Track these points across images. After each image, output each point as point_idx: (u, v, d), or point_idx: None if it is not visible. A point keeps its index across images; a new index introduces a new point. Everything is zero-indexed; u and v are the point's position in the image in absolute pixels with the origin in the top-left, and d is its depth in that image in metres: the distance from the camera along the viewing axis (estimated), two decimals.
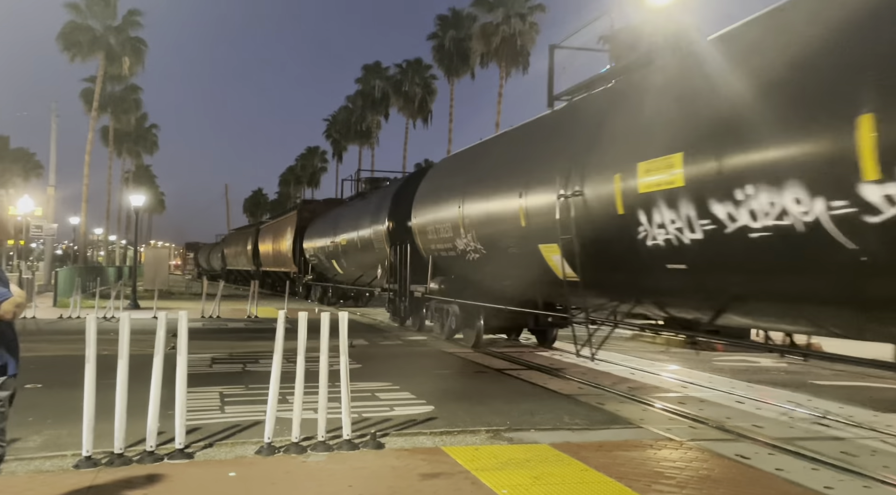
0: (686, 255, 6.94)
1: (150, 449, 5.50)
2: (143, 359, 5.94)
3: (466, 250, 12.82)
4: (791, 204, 5.48)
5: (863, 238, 5.02)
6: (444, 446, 6.10)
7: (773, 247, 5.78)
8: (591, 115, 9.26)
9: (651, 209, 7.24)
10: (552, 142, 10.00)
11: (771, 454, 6.07)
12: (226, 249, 52.88)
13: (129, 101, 56.19)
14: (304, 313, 6.00)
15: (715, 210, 6.33)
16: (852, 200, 4.97)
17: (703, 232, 6.56)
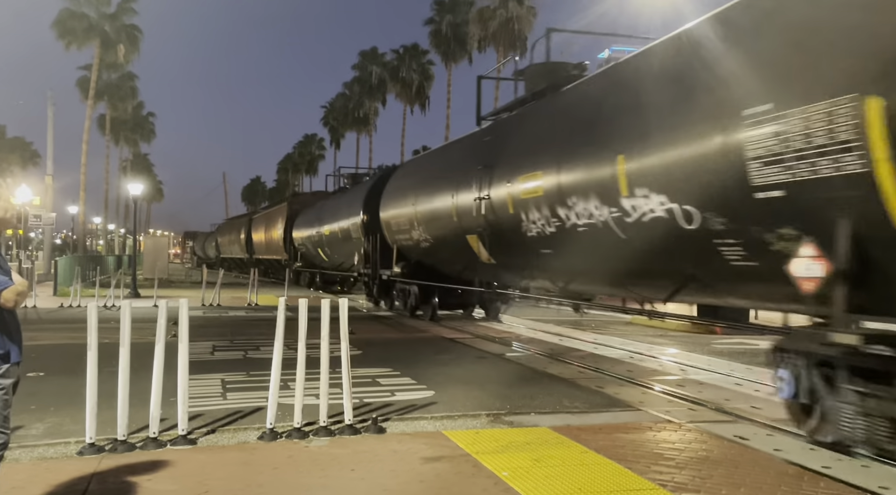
0: (550, 243, 9.85)
1: (153, 436, 5.54)
2: (144, 347, 5.97)
3: (420, 240, 15.49)
4: (593, 209, 8.40)
5: (626, 231, 7.90)
6: (444, 430, 6.15)
7: (590, 237, 8.66)
8: (498, 135, 12.17)
9: (528, 210, 10.08)
10: (474, 155, 12.61)
11: (769, 435, 6.12)
12: (220, 238, 54.57)
13: (125, 88, 55.97)
14: (305, 300, 6.02)
15: (559, 212, 9.24)
16: (618, 208, 7.89)
17: (555, 227, 9.50)
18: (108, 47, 44.48)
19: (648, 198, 7.39)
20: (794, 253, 5.68)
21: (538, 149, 10.14)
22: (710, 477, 4.91)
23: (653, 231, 7.43)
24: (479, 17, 39.73)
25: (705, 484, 4.76)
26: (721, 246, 6.55)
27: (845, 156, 5.03)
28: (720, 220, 6.46)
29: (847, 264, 5.22)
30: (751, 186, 5.92)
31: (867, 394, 5.22)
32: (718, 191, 6.36)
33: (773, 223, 5.88)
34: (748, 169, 5.91)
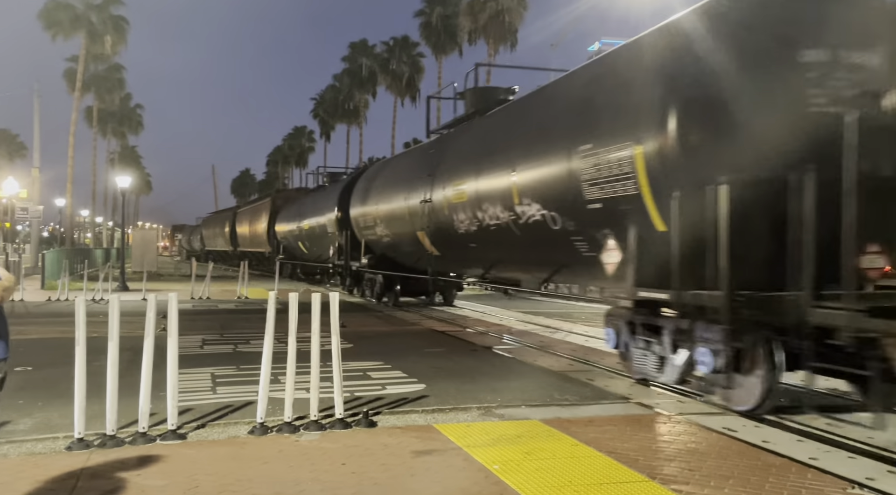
0: (474, 238, 12.17)
1: (142, 431, 5.51)
2: (133, 341, 5.94)
3: (382, 235, 17.67)
4: (499, 213, 10.68)
5: (519, 230, 10.19)
6: (436, 423, 6.15)
7: (499, 234, 10.98)
8: (440, 148, 14.53)
9: (458, 212, 12.40)
10: (421, 165, 14.92)
11: (757, 427, 6.16)
12: (204, 231, 56.29)
13: (112, 80, 55.49)
14: (295, 294, 6.00)
15: (478, 214, 11.52)
16: (513, 212, 10.21)
17: (476, 226, 11.78)
18: (95, 38, 44.06)
19: (531, 205, 9.74)
20: (606, 247, 8.10)
21: (465, 162, 12.48)
22: (698, 468, 4.94)
23: (535, 231, 9.76)
24: (470, 9, 39.60)
25: (694, 475, 4.79)
26: (575, 241, 8.88)
27: (628, 182, 7.38)
28: (572, 223, 8.82)
29: (632, 254, 7.52)
30: (584, 200, 8.29)
31: (647, 340, 7.70)
32: (569, 202, 8.64)
33: (598, 226, 8.25)
34: (582, 188, 8.28)
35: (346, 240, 20.65)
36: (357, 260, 19.95)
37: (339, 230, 21.22)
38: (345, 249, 20.92)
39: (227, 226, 44.74)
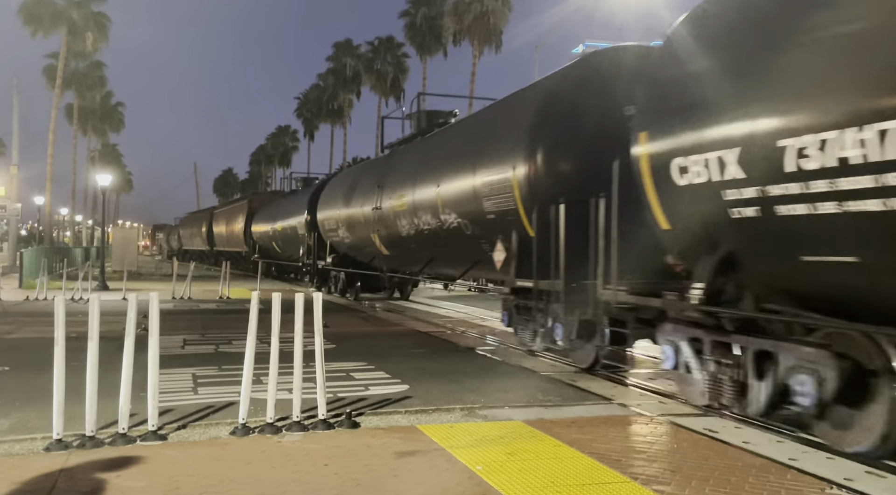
0: (414, 240, 14.34)
1: (122, 431, 5.45)
2: (113, 342, 5.88)
3: (344, 237, 19.67)
4: (430, 219, 12.90)
5: (444, 234, 12.43)
6: (419, 424, 6.15)
7: (431, 237, 13.22)
8: (389, 163, 16.81)
9: (400, 218, 14.56)
10: (375, 176, 17.01)
11: (738, 428, 6.22)
12: (182, 230, 58.29)
13: (93, 77, 54.89)
14: (278, 294, 5.97)
15: (415, 220, 13.71)
16: (439, 220, 12.43)
17: (414, 230, 13.95)
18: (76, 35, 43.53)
19: (450, 214, 12.01)
20: (496, 248, 10.38)
21: (406, 176, 14.57)
22: (679, 469, 4.98)
23: (455, 234, 12.13)
24: (455, 10, 39.65)
25: (675, 476, 4.83)
26: (481, 243, 11.09)
27: (509, 198, 9.84)
28: (478, 229, 11.20)
29: (514, 253, 9.95)
30: (484, 211, 10.74)
31: (526, 316, 10.20)
32: (474, 212, 11.10)
33: (494, 231, 10.52)
34: (482, 202, 10.73)
35: (314, 241, 22.85)
36: (323, 259, 22.11)
37: (308, 232, 23.22)
38: (313, 249, 23.10)
39: (203, 226, 46.30)
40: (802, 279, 5.68)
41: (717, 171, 5.94)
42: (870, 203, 4.68)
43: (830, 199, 4.97)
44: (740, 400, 6.37)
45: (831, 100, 4.93)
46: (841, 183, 4.83)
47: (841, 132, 4.76)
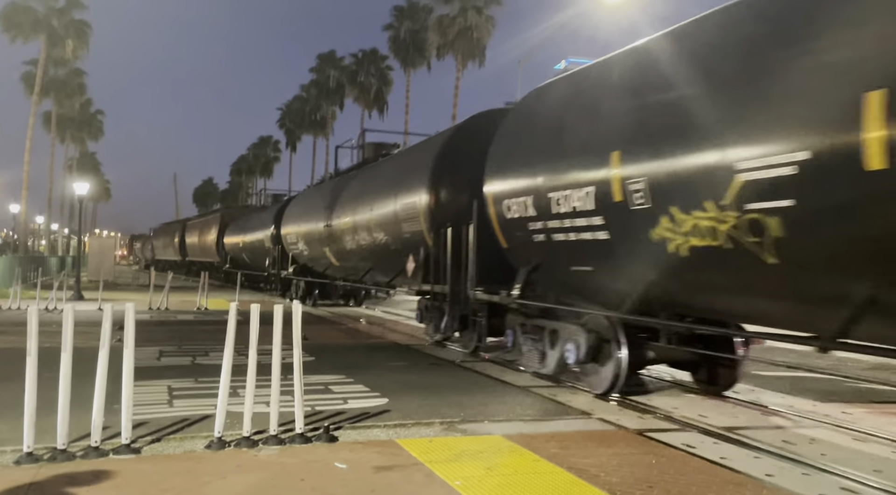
0: (357, 254, 16.71)
1: (94, 445, 5.35)
2: (87, 352, 5.78)
3: (303, 250, 22.03)
4: (366, 236, 15.34)
5: (378, 248, 14.98)
6: (398, 439, 6.10)
7: (369, 251, 15.54)
8: (339, 186, 19.07)
9: (346, 234, 17.00)
10: (326, 198, 19.46)
11: (716, 443, 6.25)
12: (155, 241, 60.26)
13: (72, 85, 54.39)
14: (257, 305, 5.92)
15: (356, 237, 16.13)
16: (372, 237, 15.10)
17: (356, 244, 16.40)
18: (56, 42, 43.21)
19: (380, 233, 14.57)
20: (409, 260, 13.08)
21: (351, 199, 17.03)
22: (657, 484, 4.98)
23: (384, 249, 14.66)
24: (438, 24, 39.88)
25: (653, 491, 4.83)
26: (402, 257, 13.49)
27: (417, 221, 12.33)
28: (399, 245, 13.63)
29: (423, 264, 12.49)
30: (402, 231, 13.28)
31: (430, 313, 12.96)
32: (396, 232, 13.61)
33: (409, 248, 13.12)
34: (401, 223, 13.28)
35: (279, 253, 25.25)
36: (286, 269, 24.72)
37: (273, 244, 25.61)
38: (277, 260, 25.57)
39: (176, 236, 48.29)
40: (574, 281, 8.72)
41: (524, 210, 9.01)
42: (585, 234, 7.86)
43: (573, 231, 8.07)
44: (543, 363, 9.52)
45: (563, 171, 8.16)
46: (576, 221, 7.96)
47: (572, 191, 7.92)
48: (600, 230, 7.59)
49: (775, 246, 5.48)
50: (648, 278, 7.13)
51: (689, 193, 6.20)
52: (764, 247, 5.57)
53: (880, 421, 7.35)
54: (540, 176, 8.59)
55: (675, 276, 6.81)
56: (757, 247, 5.62)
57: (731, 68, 6.03)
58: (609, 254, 7.63)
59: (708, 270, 6.44)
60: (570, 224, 8.01)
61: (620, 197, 7.08)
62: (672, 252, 6.53)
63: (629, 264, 7.34)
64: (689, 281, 6.85)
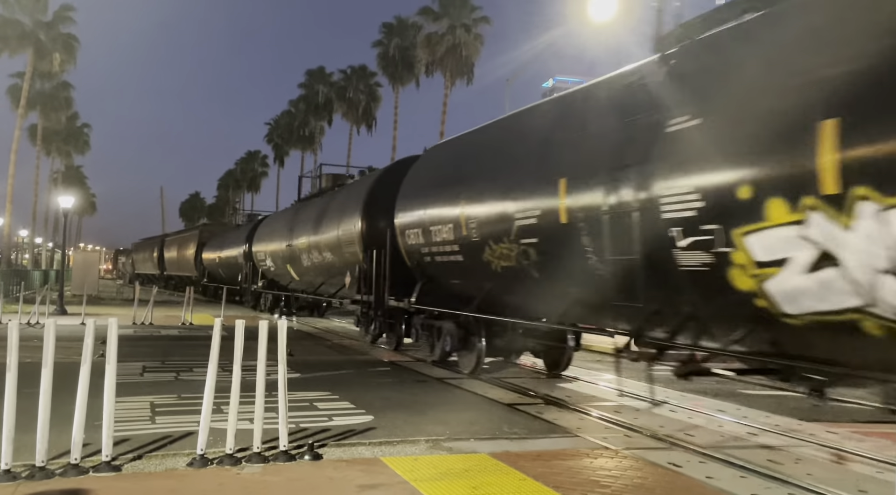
0: (311, 270, 19.77)
1: (74, 462, 5.26)
2: (69, 368, 5.69)
3: (270, 266, 24.79)
4: (318, 255, 18.43)
5: (325, 266, 18.43)
6: (382, 457, 6.05)
7: (318, 268, 18.96)
8: (299, 212, 22.18)
9: (302, 254, 19.89)
10: (289, 222, 22.40)
11: (702, 462, 6.24)
12: (135, 255, 63.06)
13: (59, 98, 54.08)
14: (241, 321, 5.87)
15: (310, 256, 19.24)
16: (322, 257, 18.24)
17: (310, 262, 19.42)
18: (43, 56, 43.01)
19: (329, 253, 17.39)
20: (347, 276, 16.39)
21: (307, 223, 19.82)
22: None
23: (332, 266, 17.61)
24: (427, 42, 40.08)
25: None
26: (344, 273, 16.59)
27: (354, 244, 15.39)
28: (341, 264, 16.52)
29: (357, 279, 15.38)
30: (344, 251, 16.22)
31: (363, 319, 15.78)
32: (339, 252, 16.48)
33: (350, 265, 16.03)
34: (342, 245, 16.22)
35: (250, 268, 27.73)
36: (256, 283, 27.08)
37: (246, 261, 28.06)
38: (248, 275, 28.02)
39: (155, 251, 50.66)
40: (450, 291, 11.81)
41: (418, 238, 12.14)
42: (451, 257, 11.02)
43: (445, 255, 11.21)
44: (433, 353, 12.48)
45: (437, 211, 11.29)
46: (444, 247, 11.11)
47: (442, 226, 11.07)
48: (458, 254, 10.87)
49: (536, 266, 8.81)
50: (485, 287, 10.49)
51: (498, 231, 9.42)
52: (531, 266, 8.89)
53: (865, 441, 7.37)
54: (426, 213, 11.82)
55: (497, 285, 10.17)
56: (529, 266, 8.95)
57: (518, 151, 9.58)
58: (464, 271, 11.02)
59: (512, 281, 9.67)
60: (443, 250, 11.31)
61: (466, 231, 10.37)
62: (494, 269, 9.85)
63: (475, 278, 10.73)
64: (504, 288, 10.06)
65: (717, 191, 5.78)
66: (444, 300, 11.85)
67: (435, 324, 12.37)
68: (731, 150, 5.69)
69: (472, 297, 10.85)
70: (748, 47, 6.07)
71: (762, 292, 5.52)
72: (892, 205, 4.45)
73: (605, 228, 7.20)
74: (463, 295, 11.22)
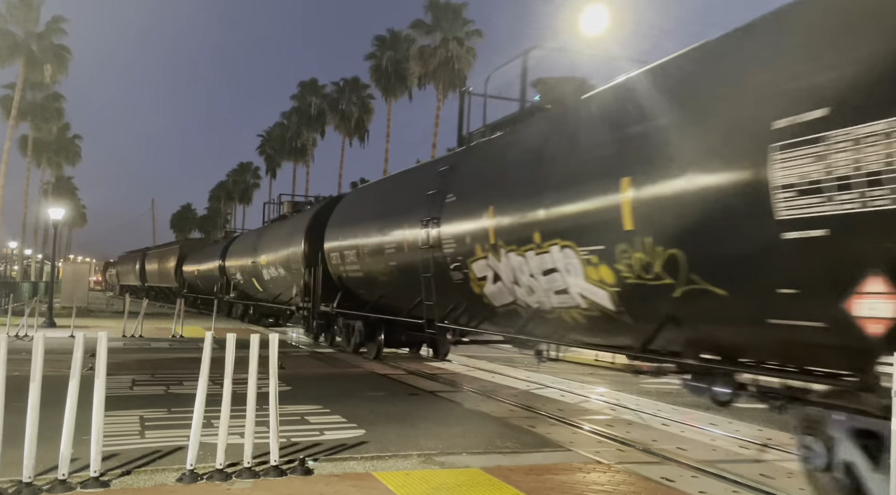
0: (272, 282, 22.89)
1: (62, 478, 5.19)
2: (58, 381, 5.64)
3: (239, 279, 28.07)
4: (274, 271, 22.12)
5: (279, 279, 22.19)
6: (374, 471, 6.01)
7: (275, 282, 22.44)
8: (262, 234, 25.48)
9: (263, 269, 23.41)
10: (254, 242, 25.65)
11: (694, 477, 6.22)
12: (119, 267, 67.83)
13: (50, 109, 53.94)
14: (233, 335, 5.83)
15: (270, 270, 22.62)
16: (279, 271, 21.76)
17: (270, 276, 22.85)
18: (35, 66, 42.95)
19: (280, 268, 21.12)
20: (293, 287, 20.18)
21: (268, 242, 23.20)
22: None
23: (285, 279, 20.76)
24: (420, 54, 40.24)
25: None
26: (293, 285, 19.59)
27: (298, 261, 19.00)
28: (292, 277, 19.93)
29: (301, 289, 19.09)
30: (291, 268, 19.89)
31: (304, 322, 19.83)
32: (289, 268, 20.12)
33: (296, 279, 19.48)
34: (291, 263, 19.88)
35: (224, 281, 30.68)
36: (228, 293, 30.21)
37: (221, 274, 30.99)
38: (223, 286, 30.91)
39: (137, 264, 54.40)
40: (361, 298, 15.59)
41: (339, 259, 15.94)
42: (355, 273, 15.36)
43: (353, 271, 15.40)
44: (349, 345, 16.43)
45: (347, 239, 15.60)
46: (350, 265, 15.38)
47: (349, 251, 15.32)
48: (360, 272, 15.07)
49: (396, 279, 13.12)
50: (377, 295, 14.64)
51: (378, 256, 13.73)
52: (397, 277, 13.05)
53: None
54: (342, 243, 15.90)
55: (385, 294, 14.31)
56: (394, 278, 13.17)
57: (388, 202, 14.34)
58: (364, 284, 15.22)
59: (391, 291, 13.89)
60: (351, 268, 15.44)
61: (362, 255, 14.61)
62: (380, 282, 14.09)
63: (371, 289, 14.90)
64: (388, 296, 14.16)
65: (461, 239, 10.14)
66: (355, 305, 15.98)
67: (350, 323, 16.57)
68: (464, 218, 10.10)
69: (369, 303, 15.13)
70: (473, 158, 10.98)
71: (483, 294, 9.84)
72: (510, 250, 8.72)
73: (420, 257, 11.61)
74: (366, 301, 15.44)
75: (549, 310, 8.34)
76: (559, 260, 7.75)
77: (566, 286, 7.74)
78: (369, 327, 15.46)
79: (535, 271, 8.31)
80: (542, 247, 8.04)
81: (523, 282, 8.65)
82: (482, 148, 10.84)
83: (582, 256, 7.32)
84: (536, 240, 8.13)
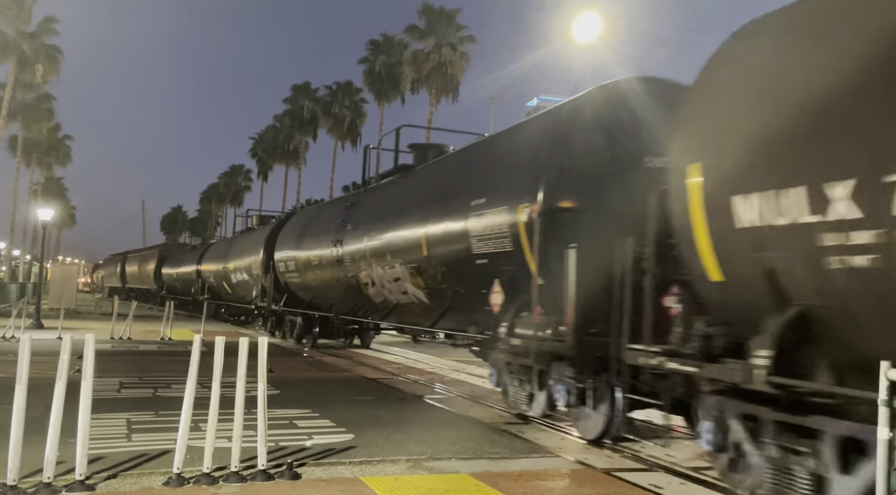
0: (239, 285, 26.10)
1: (46, 481, 5.15)
2: (44, 383, 5.59)
3: (214, 283, 30.52)
4: (240, 276, 25.52)
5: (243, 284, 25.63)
6: (362, 476, 5.99)
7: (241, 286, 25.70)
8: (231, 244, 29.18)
9: (231, 274, 26.69)
10: (224, 250, 28.85)
11: (682, 484, 6.24)
12: (103, 270, 70.81)
13: (41, 109, 53.66)
14: (222, 337, 5.81)
15: (238, 275, 25.92)
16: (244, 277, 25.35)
17: (238, 280, 26.00)
18: (26, 66, 42.74)
19: (243, 273, 24.82)
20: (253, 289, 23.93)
21: (235, 251, 26.19)
22: None
23: (248, 282, 24.40)
24: (413, 59, 40.33)
25: None
26: (253, 288, 23.59)
27: (258, 268, 22.88)
28: (253, 281, 23.52)
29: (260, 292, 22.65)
30: (253, 273, 23.46)
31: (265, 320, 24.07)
32: (251, 272, 23.76)
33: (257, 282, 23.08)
34: (252, 269, 23.52)
35: (200, 283, 33.13)
36: (203, 294, 32.33)
37: (197, 277, 33.40)
38: (198, 288, 33.35)
39: (118, 266, 57.24)
40: (302, 298, 19.71)
41: (285, 268, 19.91)
42: (295, 280, 19.71)
43: (296, 278, 19.41)
44: (292, 336, 20.35)
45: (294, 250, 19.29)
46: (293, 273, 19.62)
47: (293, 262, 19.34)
48: (298, 277, 18.81)
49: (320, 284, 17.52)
50: (311, 295, 18.22)
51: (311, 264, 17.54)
52: (320, 283, 17.40)
53: None
54: (287, 254, 19.46)
55: (316, 295, 18.09)
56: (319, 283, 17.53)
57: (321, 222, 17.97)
58: (299, 286, 19.04)
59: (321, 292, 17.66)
60: (292, 274, 19.24)
61: (300, 264, 18.23)
62: (313, 286, 17.93)
63: (304, 290, 18.74)
64: (319, 296, 17.93)
65: (353, 255, 14.43)
66: (297, 305, 19.61)
67: (292, 319, 20.18)
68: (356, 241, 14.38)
69: (304, 302, 18.78)
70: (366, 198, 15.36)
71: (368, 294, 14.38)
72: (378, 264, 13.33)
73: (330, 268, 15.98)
74: (303, 301, 19.17)
75: (403, 303, 12.94)
76: (400, 271, 12.23)
77: (406, 288, 12.33)
78: (306, 322, 19.30)
79: (390, 278, 12.84)
80: (391, 263, 12.58)
81: (386, 286, 13.22)
82: (371, 192, 15.56)
83: (409, 269, 11.83)
84: (389, 258, 12.67)
